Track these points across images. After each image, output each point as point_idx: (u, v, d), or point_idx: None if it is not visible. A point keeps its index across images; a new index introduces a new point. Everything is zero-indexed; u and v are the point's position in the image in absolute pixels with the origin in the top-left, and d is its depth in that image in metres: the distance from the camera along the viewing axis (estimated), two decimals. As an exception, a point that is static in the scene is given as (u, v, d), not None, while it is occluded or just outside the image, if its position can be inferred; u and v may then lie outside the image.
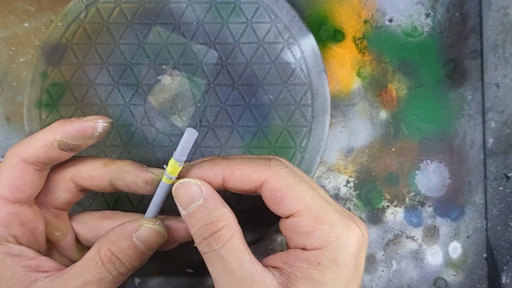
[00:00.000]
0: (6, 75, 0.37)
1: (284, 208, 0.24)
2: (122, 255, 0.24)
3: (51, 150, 0.25)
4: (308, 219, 0.24)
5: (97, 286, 0.23)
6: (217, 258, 0.23)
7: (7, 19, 0.37)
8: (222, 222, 0.24)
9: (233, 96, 0.35)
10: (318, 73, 0.35)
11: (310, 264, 0.23)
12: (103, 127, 0.26)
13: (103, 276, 0.24)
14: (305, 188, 0.24)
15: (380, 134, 0.38)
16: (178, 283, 0.37)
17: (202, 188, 0.25)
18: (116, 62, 0.35)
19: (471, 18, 0.38)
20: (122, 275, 0.24)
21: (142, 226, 0.25)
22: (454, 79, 0.38)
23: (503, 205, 0.37)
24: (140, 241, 0.24)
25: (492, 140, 0.37)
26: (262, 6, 0.35)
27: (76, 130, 0.25)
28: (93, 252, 0.24)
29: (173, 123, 0.35)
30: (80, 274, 0.24)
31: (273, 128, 0.35)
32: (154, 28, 0.35)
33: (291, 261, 0.24)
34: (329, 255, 0.23)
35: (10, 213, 0.25)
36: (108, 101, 0.35)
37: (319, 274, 0.23)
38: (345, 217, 0.24)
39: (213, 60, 0.35)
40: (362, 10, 0.38)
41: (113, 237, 0.24)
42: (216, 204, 0.25)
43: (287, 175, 0.25)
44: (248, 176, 0.25)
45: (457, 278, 0.38)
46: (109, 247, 0.24)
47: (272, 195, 0.25)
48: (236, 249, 0.23)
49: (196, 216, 0.24)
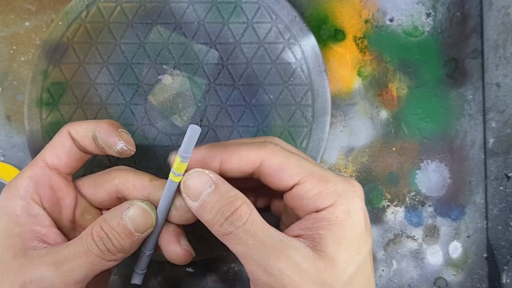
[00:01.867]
0: (7, 74, 0.37)
1: (287, 179, 0.25)
2: (111, 231, 0.25)
3: (88, 134, 0.27)
4: (313, 182, 0.25)
5: (85, 257, 0.24)
6: (244, 233, 0.24)
7: (8, 18, 0.37)
8: (239, 200, 0.25)
9: (233, 96, 0.35)
10: (319, 73, 0.35)
11: (329, 221, 0.24)
12: (122, 149, 0.27)
13: (90, 248, 0.24)
14: (301, 159, 0.26)
15: (381, 134, 0.38)
16: (178, 283, 0.37)
17: (211, 175, 0.25)
18: (116, 62, 0.35)
19: (472, 17, 0.38)
20: (110, 252, 0.25)
21: (133, 204, 0.25)
22: (454, 78, 0.38)
23: (503, 204, 0.37)
24: (128, 219, 0.25)
25: (492, 140, 0.37)
26: (263, 6, 0.35)
27: (105, 132, 0.27)
28: (88, 228, 0.25)
29: (174, 122, 0.35)
30: (72, 245, 0.25)
31: (273, 128, 0.35)
32: (155, 28, 0.35)
33: (310, 225, 0.25)
34: (342, 208, 0.24)
35: (44, 173, 0.27)
36: (109, 100, 0.35)
37: (339, 228, 0.24)
38: (344, 176, 0.26)
39: (214, 60, 0.35)
40: (363, 9, 0.38)
41: (107, 215, 0.25)
42: (227, 186, 0.25)
43: (282, 151, 0.26)
44: (246, 157, 0.26)
45: (458, 277, 0.38)
46: (100, 223, 0.25)
47: (272, 171, 0.26)
48: (259, 222, 0.24)
49: (211, 202, 0.25)
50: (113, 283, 0.36)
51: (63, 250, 0.25)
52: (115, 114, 0.35)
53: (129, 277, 0.37)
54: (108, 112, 0.35)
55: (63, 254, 0.24)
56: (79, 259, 0.24)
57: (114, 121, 0.28)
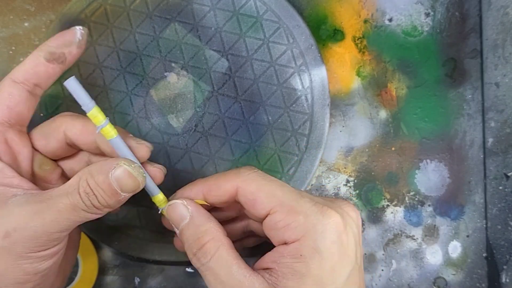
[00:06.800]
0: (6, 74, 0.37)
1: (259, 208, 0.25)
2: (97, 189, 0.24)
3: (38, 65, 0.26)
4: (282, 213, 0.25)
5: (70, 210, 0.24)
6: (208, 271, 0.25)
7: (7, 19, 0.37)
8: (208, 236, 0.25)
9: (233, 109, 0.35)
10: (322, 106, 0.35)
11: (294, 258, 0.24)
12: (81, 33, 0.27)
13: (76, 203, 0.24)
14: (276, 186, 0.25)
15: (380, 134, 0.38)
16: (178, 283, 0.37)
17: (188, 207, 0.26)
18: (128, 49, 0.35)
19: (471, 17, 0.38)
20: (96, 208, 0.24)
21: (119, 166, 0.25)
22: (454, 78, 0.38)
23: (502, 204, 0.37)
24: (115, 179, 0.24)
25: (491, 140, 0.37)
26: (283, 27, 0.35)
27: (57, 37, 0.27)
28: (74, 179, 0.25)
29: (169, 121, 0.35)
30: (58, 196, 0.24)
31: (264, 150, 0.35)
32: (173, 25, 0.35)
33: (277, 259, 0.24)
34: (309, 245, 0.24)
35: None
36: (112, 86, 0.35)
37: (303, 266, 0.24)
38: (320, 205, 0.25)
39: (222, 69, 0.35)
40: (362, 9, 0.38)
41: (93, 170, 0.25)
42: (201, 219, 0.26)
43: (256, 178, 0.26)
44: (223, 188, 0.26)
45: (457, 277, 0.38)
46: (86, 178, 0.24)
47: (246, 199, 0.26)
48: (224, 260, 0.24)
49: (186, 233, 0.26)
50: (113, 283, 0.37)
51: (47, 201, 0.24)
52: (115, 101, 0.35)
53: (129, 277, 0.37)
54: (108, 97, 0.35)
55: (47, 204, 0.24)
56: (64, 211, 0.24)
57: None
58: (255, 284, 0.24)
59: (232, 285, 0.24)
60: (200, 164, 0.35)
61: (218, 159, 0.35)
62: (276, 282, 0.24)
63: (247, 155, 0.35)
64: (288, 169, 0.35)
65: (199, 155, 0.35)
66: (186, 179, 0.29)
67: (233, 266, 0.24)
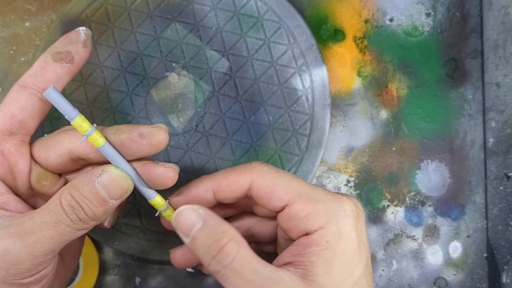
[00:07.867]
0: (7, 74, 0.37)
1: (276, 200, 0.25)
2: (82, 200, 0.23)
3: (46, 66, 0.25)
4: (302, 203, 0.25)
5: (54, 228, 0.23)
6: (231, 272, 0.23)
7: (8, 18, 0.37)
8: (227, 237, 0.24)
9: (234, 109, 0.35)
10: (323, 106, 0.35)
11: (320, 246, 0.24)
12: (85, 33, 0.27)
13: (60, 219, 0.23)
14: (290, 178, 0.26)
15: (381, 134, 0.38)
16: (178, 283, 0.37)
17: (199, 211, 0.25)
18: (128, 49, 0.35)
19: (472, 17, 0.38)
20: (82, 222, 0.23)
21: (105, 171, 0.24)
22: (454, 78, 0.38)
23: (503, 204, 0.37)
24: (102, 186, 0.23)
25: (492, 140, 0.37)
26: (284, 27, 0.35)
27: (61, 38, 0.26)
28: (55, 196, 0.24)
29: (170, 121, 0.35)
30: (39, 215, 0.23)
31: (265, 150, 0.35)
32: (173, 25, 0.35)
33: (301, 251, 0.24)
34: (333, 231, 0.24)
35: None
36: (112, 85, 0.35)
37: (330, 252, 0.24)
38: (334, 194, 0.26)
39: (223, 69, 0.35)
40: (363, 9, 0.38)
41: (77, 182, 0.24)
42: (216, 222, 0.25)
43: (270, 171, 0.26)
44: (235, 182, 0.26)
45: (458, 277, 0.38)
46: (70, 190, 0.23)
47: (261, 192, 0.26)
48: (247, 259, 0.24)
49: (200, 239, 0.24)
50: (113, 283, 0.37)
51: (28, 221, 0.23)
52: (115, 101, 0.35)
53: (129, 277, 0.37)
54: (109, 97, 0.35)
55: (28, 225, 0.23)
56: (47, 230, 0.23)
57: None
58: (284, 278, 0.23)
59: (260, 283, 0.23)
60: (200, 164, 0.35)
61: (219, 159, 0.35)
62: (305, 272, 0.24)
63: (247, 155, 0.35)
64: (289, 169, 0.35)
65: (199, 155, 0.35)
66: (186, 179, 0.29)
67: (258, 264, 0.24)
